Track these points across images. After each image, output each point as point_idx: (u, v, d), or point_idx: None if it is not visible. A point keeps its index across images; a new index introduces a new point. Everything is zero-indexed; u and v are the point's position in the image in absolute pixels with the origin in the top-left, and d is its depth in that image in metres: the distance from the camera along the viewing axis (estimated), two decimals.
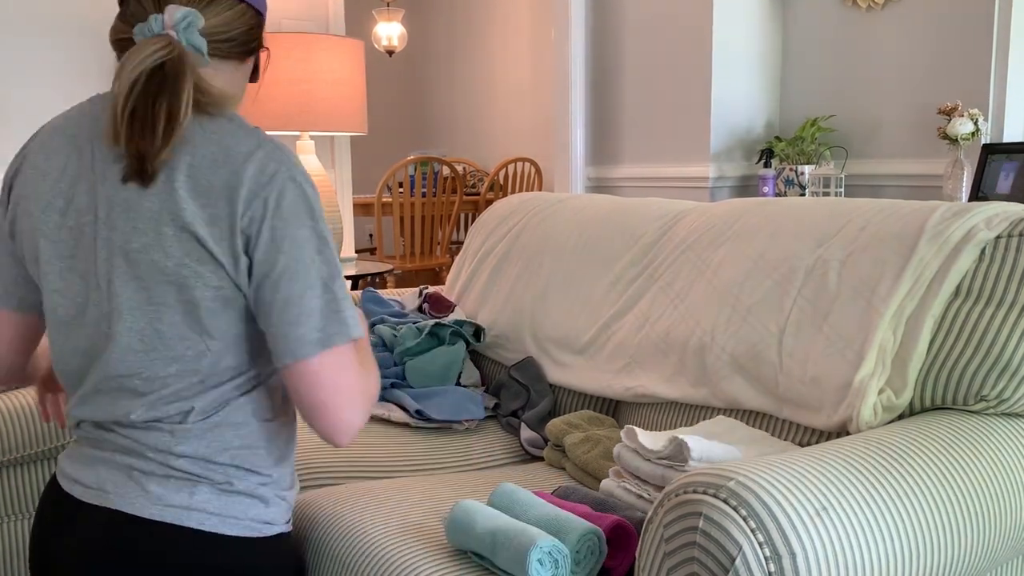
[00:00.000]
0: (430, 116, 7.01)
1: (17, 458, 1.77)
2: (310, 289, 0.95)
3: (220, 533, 1.00)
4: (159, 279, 0.96)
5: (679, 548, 0.82)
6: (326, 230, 0.98)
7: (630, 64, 3.40)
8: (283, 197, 0.96)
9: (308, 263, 0.96)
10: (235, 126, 0.99)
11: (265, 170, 0.96)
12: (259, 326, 0.98)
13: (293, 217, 0.96)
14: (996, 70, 2.58)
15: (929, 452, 0.97)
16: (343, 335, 0.96)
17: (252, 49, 1.08)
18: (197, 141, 0.96)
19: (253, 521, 1.02)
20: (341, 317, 0.96)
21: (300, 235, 0.96)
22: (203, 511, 0.99)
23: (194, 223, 0.94)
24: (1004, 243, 1.17)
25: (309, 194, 0.98)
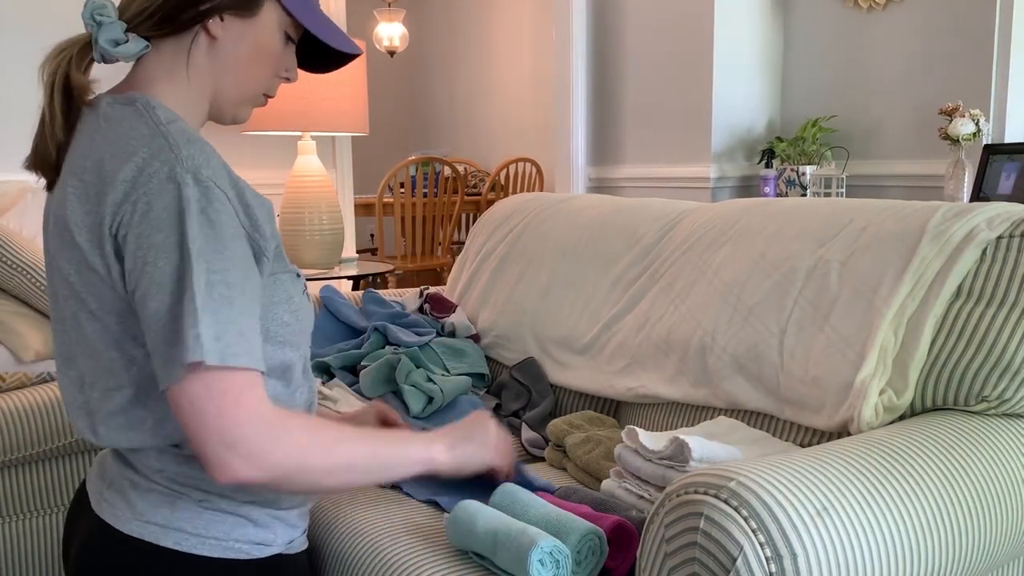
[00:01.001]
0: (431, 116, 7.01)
1: (17, 458, 1.77)
2: (167, 306, 0.84)
3: (197, 554, 0.94)
4: (71, 289, 0.92)
5: (680, 548, 0.82)
6: (208, 232, 0.86)
7: (631, 64, 3.40)
8: (154, 201, 0.86)
9: (169, 277, 0.84)
10: (139, 120, 0.92)
11: (145, 170, 0.87)
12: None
13: (162, 223, 0.85)
14: (997, 70, 2.58)
15: (930, 453, 0.97)
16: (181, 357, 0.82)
17: (195, 17, 0.96)
18: (96, 140, 0.92)
19: (238, 542, 0.96)
20: (184, 338, 0.82)
21: (165, 243, 0.85)
22: (181, 530, 0.94)
23: (77, 232, 0.89)
24: (1005, 243, 1.17)
25: (188, 195, 0.86)
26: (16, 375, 1.86)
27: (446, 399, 1.68)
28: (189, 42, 0.98)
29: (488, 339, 1.94)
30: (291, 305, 0.99)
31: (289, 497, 1.01)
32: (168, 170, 0.87)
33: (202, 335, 0.82)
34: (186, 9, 0.95)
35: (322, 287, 2.09)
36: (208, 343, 0.82)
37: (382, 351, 1.85)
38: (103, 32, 0.94)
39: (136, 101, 0.94)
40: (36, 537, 1.82)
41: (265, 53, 1.02)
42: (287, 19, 1.02)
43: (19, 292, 1.95)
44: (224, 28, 0.98)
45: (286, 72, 1.06)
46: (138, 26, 0.95)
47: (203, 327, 0.82)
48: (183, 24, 0.96)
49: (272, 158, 3.37)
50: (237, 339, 0.85)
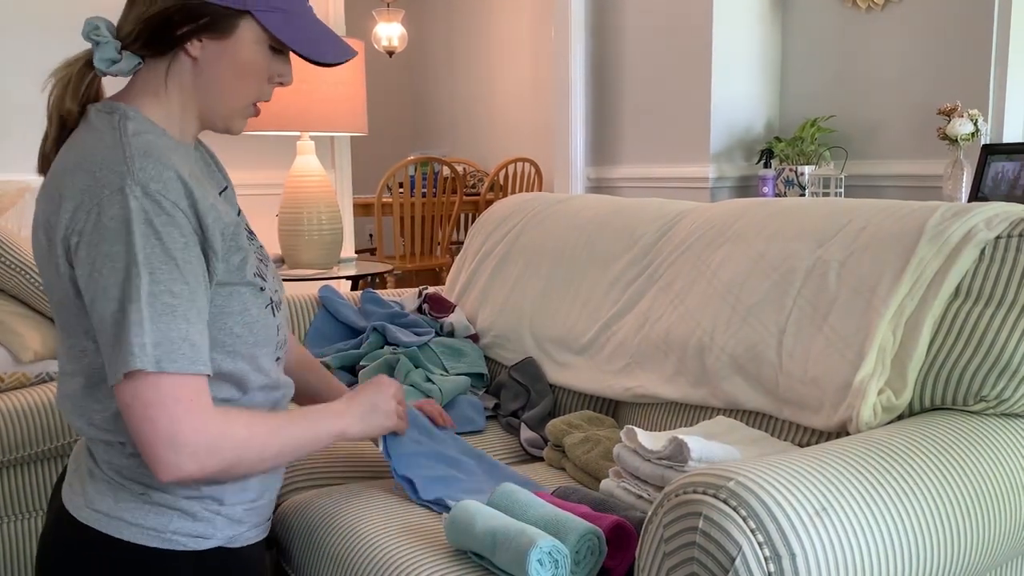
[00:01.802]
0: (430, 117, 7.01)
1: (17, 458, 1.77)
2: (113, 313, 0.90)
3: (137, 544, 0.98)
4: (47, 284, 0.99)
5: (679, 548, 0.82)
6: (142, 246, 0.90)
7: (630, 64, 3.40)
8: (104, 211, 0.90)
9: (114, 284, 0.90)
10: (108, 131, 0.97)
11: (99, 180, 0.92)
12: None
13: (110, 232, 0.90)
14: (996, 71, 2.58)
15: (929, 452, 0.97)
16: (124, 364, 0.88)
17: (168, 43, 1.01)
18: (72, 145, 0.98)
19: (176, 534, 1.00)
20: (126, 345, 0.88)
21: (112, 252, 0.90)
22: (122, 520, 0.99)
23: (39, 228, 0.97)
24: (1004, 243, 1.17)
25: (133, 208, 0.90)
26: (15, 375, 1.86)
27: (445, 399, 1.68)
28: (171, 62, 1.03)
29: (487, 339, 1.94)
30: (245, 317, 1.03)
31: (237, 492, 1.05)
32: (118, 181, 0.91)
33: (146, 344, 0.88)
34: (164, 35, 1.00)
35: (321, 287, 2.09)
36: (151, 351, 0.88)
37: (381, 351, 1.86)
38: (99, 51, 1.00)
39: (115, 111, 1.00)
40: (35, 537, 1.82)
41: (247, 69, 1.04)
42: (268, 34, 1.04)
43: (18, 292, 1.95)
44: (203, 49, 1.02)
45: (279, 78, 1.08)
46: (129, 45, 1.01)
47: (146, 336, 0.88)
48: (164, 48, 1.01)
49: (271, 158, 3.37)
50: (179, 345, 0.90)
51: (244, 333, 1.03)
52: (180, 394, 0.90)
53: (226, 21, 1.01)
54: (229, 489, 1.04)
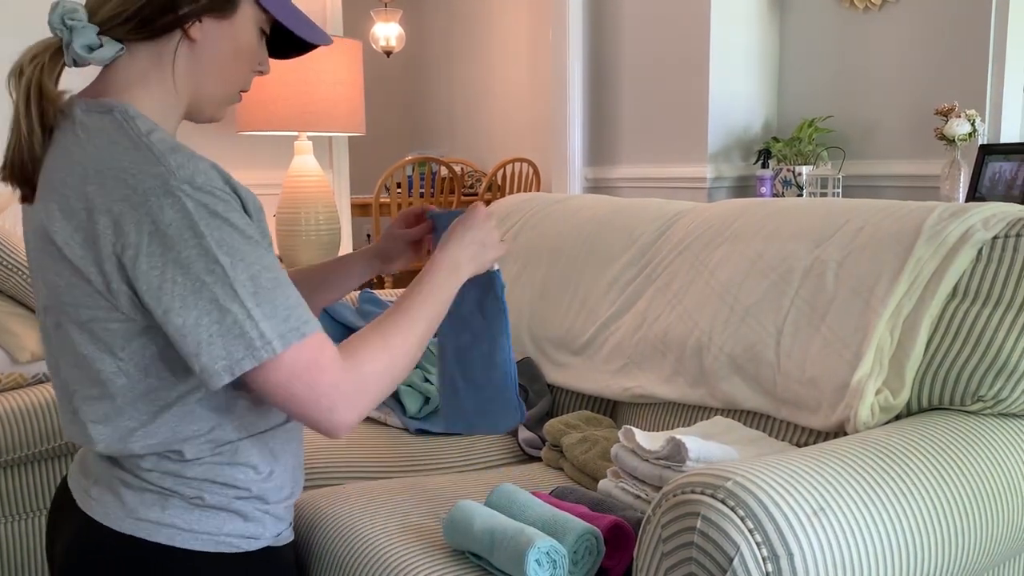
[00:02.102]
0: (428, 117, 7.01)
1: (15, 459, 1.77)
2: (205, 315, 0.85)
3: (192, 549, 0.95)
4: (57, 297, 0.92)
5: (677, 548, 0.82)
6: (220, 240, 0.86)
7: (628, 64, 3.40)
8: (160, 218, 0.85)
9: (197, 288, 0.85)
10: (120, 134, 0.90)
11: (138, 188, 0.86)
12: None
13: (174, 239, 0.85)
14: (993, 71, 2.59)
15: (926, 452, 0.97)
16: (251, 358, 0.85)
17: (174, 21, 0.94)
18: (76, 154, 0.90)
19: (230, 536, 0.98)
20: (246, 339, 0.85)
21: (183, 258, 0.85)
22: (173, 527, 0.95)
23: (64, 247, 0.89)
24: (1001, 243, 1.17)
25: (190, 205, 0.86)
26: (12, 375, 1.86)
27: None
28: (168, 46, 0.96)
29: None
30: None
31: (277, 490, 1.03)
32: (162, 184, 0.86)
33: (266, 332, 0.86)
34: (165, 14, 0.94)
35: None
36: (276, 333, 0.86)
37: None
38: (77, 37, 0.91)
39: (114, 109, 0.92)
40: (34, 538, 1.82)
41: (244, 51, 1.01)
42: (262, 15, 1.01)
43: (15, 292, 1.95)
44: (203, 30, 0.97)
45: (260, 66, 1.06)
46: (111, 29, 0.93)
47: (265, 323, 0.86)
48: (161, 28, 0.95)
49: (269, 158, 3.37)
50: (300, 312, 0.89)
51: None
52: (317, 357, 0.89)
53: (230, 1, 0.97)
54: (271, 488, 1.02)
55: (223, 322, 0.85)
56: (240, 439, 0.98)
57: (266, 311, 0.86)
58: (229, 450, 0.97)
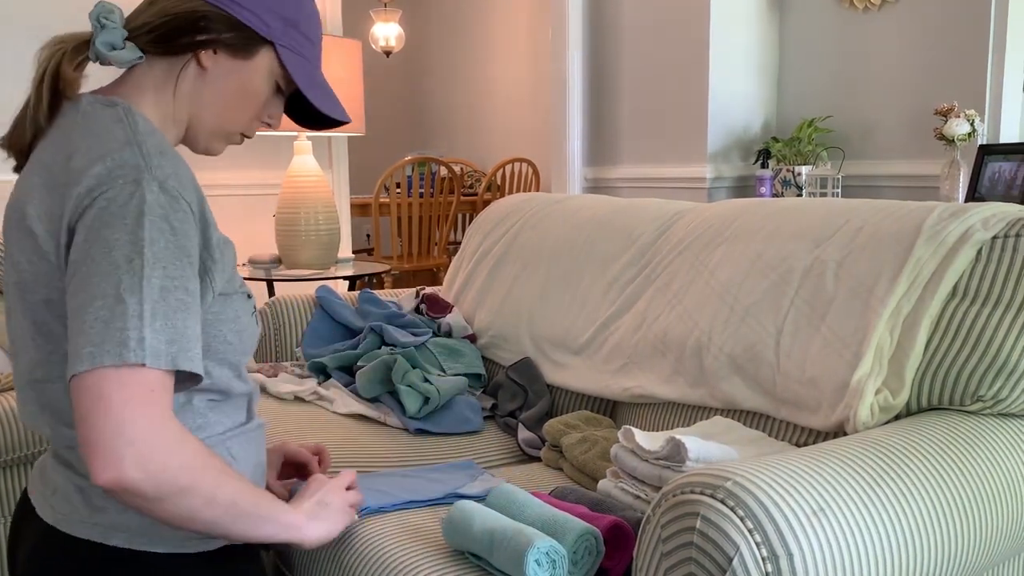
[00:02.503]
0: (428, 117, 7.01)
1: (15, 458, 1.77)
2: (100, 298, 0.83)
3: (149, 551, 0.95)
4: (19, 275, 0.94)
5: (676, 548, 0.82)
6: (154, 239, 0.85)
7: (627, 65, 3.40)
8: (114, 200, 0.86)
9: (108, 269, 0.84)
10: (116, 124, 0.93)
11: (113, 172, 0.88)
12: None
13: (113, 219, 0.85)
14: (992, 71, 2.59)
15: (926, 452, 0.97)
16: (115, 354, 0.81)
17: (183, 45, 0.98)
18: (71, 135, 0.93)
19: (188, 539, 0.97)
20: (123, 336, 0.81)
21: (112, 238, 0.84)
22: (129, 529, 0.94)
23: (34, 221, 0.91)
24: (1001, 243, 1.17)
25: (148, 201, 0.86)
26: (10, 375, 1.86)
27: (442, 399, 1.68)
28: (180, 66, 1.00)
29: (484, 339, 1.94)
30: (237, 325, 1.01)
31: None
32: (135, 175, 0.88)
33: (147, 339, 0.82)
34: (184, 35, 0.98)
35: (318, 287, 2.09)
36: (157, 347, 0.83)
37: (378, 351, 1.86)
38: (103, 35, 0.96)
39: (118, 105, 0.96)
40: None
41: (250, 96, 1.04)
42: (280, 70, 1.04)
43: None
44: (215, 62, 1.00)
45: (269, 119, 1.09)
46: (137, 37, 0.98)
47: (150, 331, 0.83)
48: (177, 48, 0.99)
49: (268, 158, 3.37)
50: (194, 343, 0.87)
51: (235, 341, 1.01)
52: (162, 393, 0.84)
53: (250, 43, 1.00)
54: None
55: (113, 310, 0.82)
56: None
57: (159, 326, 0.84)
58: None
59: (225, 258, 0.98)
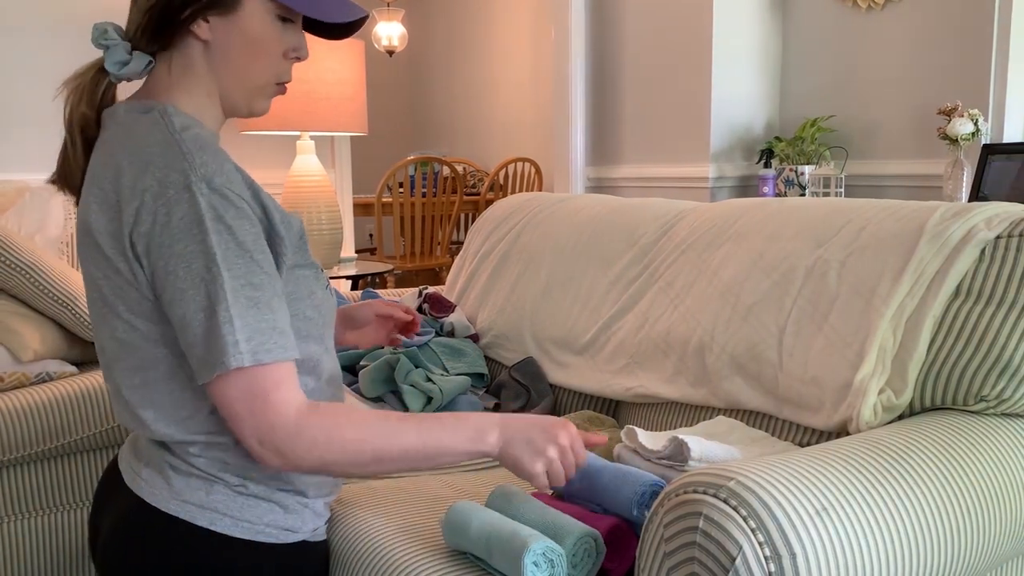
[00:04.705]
0: (430, 116, 7.01)
1: (16, 458, 1.77)
2: (197, 312, 0.89)
3: (230, 535, 0.99)
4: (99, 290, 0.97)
5: (679, 548, 0.82)
6: (227, 238, 0.90)
7: (630, 64, 3.40)
8: (173, 211, 0.90)
9: (193, 284, 0.89)
10: (154, 129, 0.95)
11: (163, 180, 0.91)
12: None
13: (181, 232, 0.89)
14: (996, 70, 2.58)
15: (929, 452, 0.97)
16: (220, 364, 0.88)
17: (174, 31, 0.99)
18: (114, 149, 0.96)
19: (269, 527, 1.01)
20: (220, 344, 0.88)
21: (187, 252, 0.89)
22: (215, 511, 0.99)
23: (101, 237, 0.94)
24: (1004, 243, 1.17)
25: (203, 205, 0.90)
26: (15, 375, 1.86)
27: (445, 399, 1.68)
28: (186, 51, 1.01)
29: (487, 339, 1.94)
30: (313, 300, 1.04)
31: (318, 486, 1.06)
32: (183, 179, 0.90)
33: (239, 341, 0.88)
34: (168, 23, 0.99)
35: None
36: (242, 347, 0.88)
37: (381, 351, 1.85)
38: (109, 55, 0.99)
39: (153, 109, 0.98)
40: (35, 536, 1.82)
41: (260, 43, 1.02)
42: (272, 3, 1.01)
43: (18, 292, 1.95)
44: (211, 29, 1.00)
45: (295, 52, 1.06)
46: (137, 44, 1.00)
47: (237, 333, 0.88)
48: (172, 34, 1.00)
49: (271, 158, 3.37)
50: (269, 335, 0.91)
51: (315, 315, 1.04)
52: (271, 389, 0.90)
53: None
54: (312, 483, 1.05)
55: (211, 320, 0.88)
56: None
57: (239, 325, 0.89)
58: None
59: (291, 233, 1.00)
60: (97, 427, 1.86)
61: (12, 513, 1.80)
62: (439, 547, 1.12)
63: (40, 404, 1.79)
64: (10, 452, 1.75)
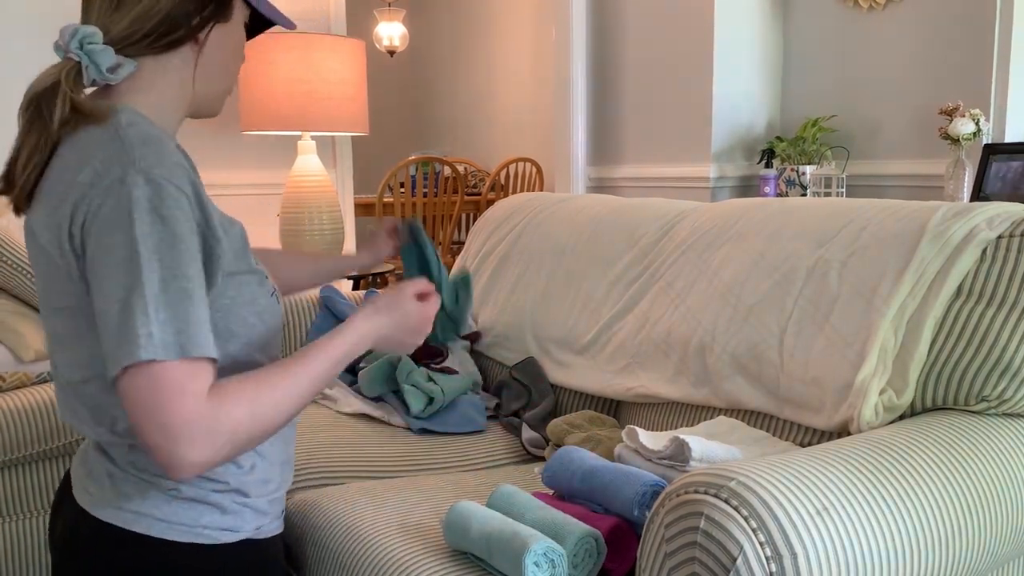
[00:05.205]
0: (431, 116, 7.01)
1: (17, 458, 1.77)
2: (113, 302, 0.86)
3: (166, 539, 0.98)
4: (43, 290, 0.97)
5: (680, 548, 0.82)
6: (147, 234, 0.87)
7: (631, 64, 3.40)
8: (106, 203, 0.88)
9: (112, 274, 0.87)
10: (105, 130, 0.93)
11: (101, 173, 0.89)
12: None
13: (109, 223, 0.87)
14: (997, 70, 2.58)
15: (930, 452, 0.97)
16: (129, 355, 0.83)
17: (188, 32, 0.99)
18: (67, 155, 0.94)
19: (206, 528, 1.00)
20: (132, 335, 0.84)
21: (111, 242, 0.87)
22: (151, 516, 0.98)
23: (42, 234, 0.93)
24: (1006, 243, 1.17)
25: (137, 193, 0.87)
26: (16, 375, 1.86)
27: (447, 399, 1.68)
28: (175, 55, 1.01)
29: (488, 339, 1.94)
30: (255, 307, 1.01)
31: (260, 484, 1.05)
32: (120, 172, 0.89)
33: (154, 334, 0.84)
34: (178, 29, 0.98)
35: (322, 287, 2.09)
36: (165, 339, 0.84)
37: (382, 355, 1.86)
38: (97, 59, 0.94)
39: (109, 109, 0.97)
40: (36, 537, 1.82)
41: (239, 47, 1.08)
42: (246, 11, 1.07)
43: (19, 292, 1.95)
44: (209, 36, 1.02)
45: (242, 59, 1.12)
46: (125, 48, 0.97)
47: (157, 325, 0.84)
48: (175, 42, 0.99)
49: (272, 158, 3.37)
50: (201, 328, 0.87)
51: (257, 323, 1.02)
52: (185, 381, 0.85)
53: (228, 3, 1.03)
54: (252, 482, 1.04)
55: (124, 312, 0.85)
56: None
57: (164, 318, 0.85)
58: None
59: (230, 236, 0.99)
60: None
61: (13, 513, 1.80)
62: (439, 547, 1.12)
63: (41, 404, 1.79)
64: (11, 452, 1.75)
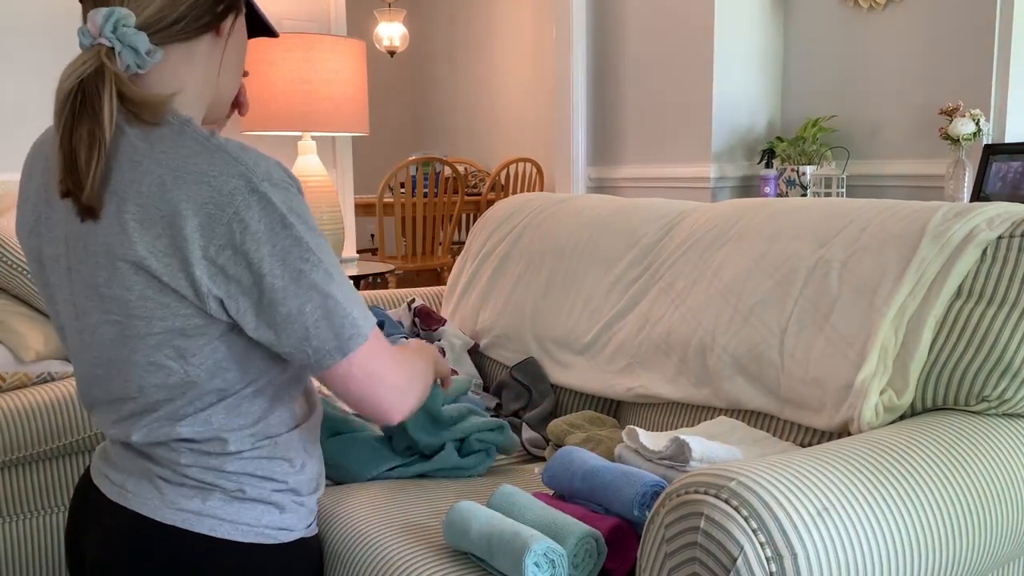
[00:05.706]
0: (431, 117, 7.01)
1: (18, 458, 1.77)
2: (308, 302, 0.89)
3: (231, 539, 0.99)
4: (125, 311, 0.91)
5: (680, 548, 0.82)
6: (306, 227, 0.90)
7: (631, 64, 3.40)
8: (248, 216, 0.87)
9: (297, 275, 0.89)
10: (185, 138, 0.89)
11: (222, 190, 0.87)
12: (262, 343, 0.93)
13: (266, 233, 0.87)
14: (998, 70, 2.58)
15: (931, 453, 0.97)
16: (358, 336, 0.92)
17: (213, 19, 0.97)
18: (144, 164, 0.88)
19: (267, 528, 1.01)
20: (350, 320, 0.92)
21: (279, 249, 0.88)
22: (214, 517, 0.98)
23: (147, 257, 0.88)
24: (1006, 243, 1.17)
25: (275, 199, 0.88)
26: (16, 375, 1.86)
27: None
28: (198, 45, 0.97)
29: (488, 339, 1.94)
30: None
31: (308, 483, 1.07)
32: (245, 183, 0.87)
33: (356, 316, 0.93)
34: (208, 13, 0.96)
35: None
36: (365, 318, 0.94)
37: None
38: (133, 42, 0.89)
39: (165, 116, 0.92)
40: (37, 537, 1.82)
41: (245, 47, 1.06)
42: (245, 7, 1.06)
43: (19, 292, 1.95)
44: (232, 27, 1.01)
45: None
46: (155, 33, 0.92)
47: (355, 308, 0.93)
48: (203, 28, 0.96)
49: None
50: (363, 307, 0.95)
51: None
52: (386, 348, 0.97)
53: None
54: (304, 481, 1.06)
55: (326, 306, 0.90)
56: (280, 434, 1.02)
57: (351, 297, 0.93)
58: (269, 444, 1.01)
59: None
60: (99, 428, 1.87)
61: (14, 513, 1.80)
62: (440, 547, 1.12)
63: (42, 405, 1.79)
64: (12, 452, 1.75)
